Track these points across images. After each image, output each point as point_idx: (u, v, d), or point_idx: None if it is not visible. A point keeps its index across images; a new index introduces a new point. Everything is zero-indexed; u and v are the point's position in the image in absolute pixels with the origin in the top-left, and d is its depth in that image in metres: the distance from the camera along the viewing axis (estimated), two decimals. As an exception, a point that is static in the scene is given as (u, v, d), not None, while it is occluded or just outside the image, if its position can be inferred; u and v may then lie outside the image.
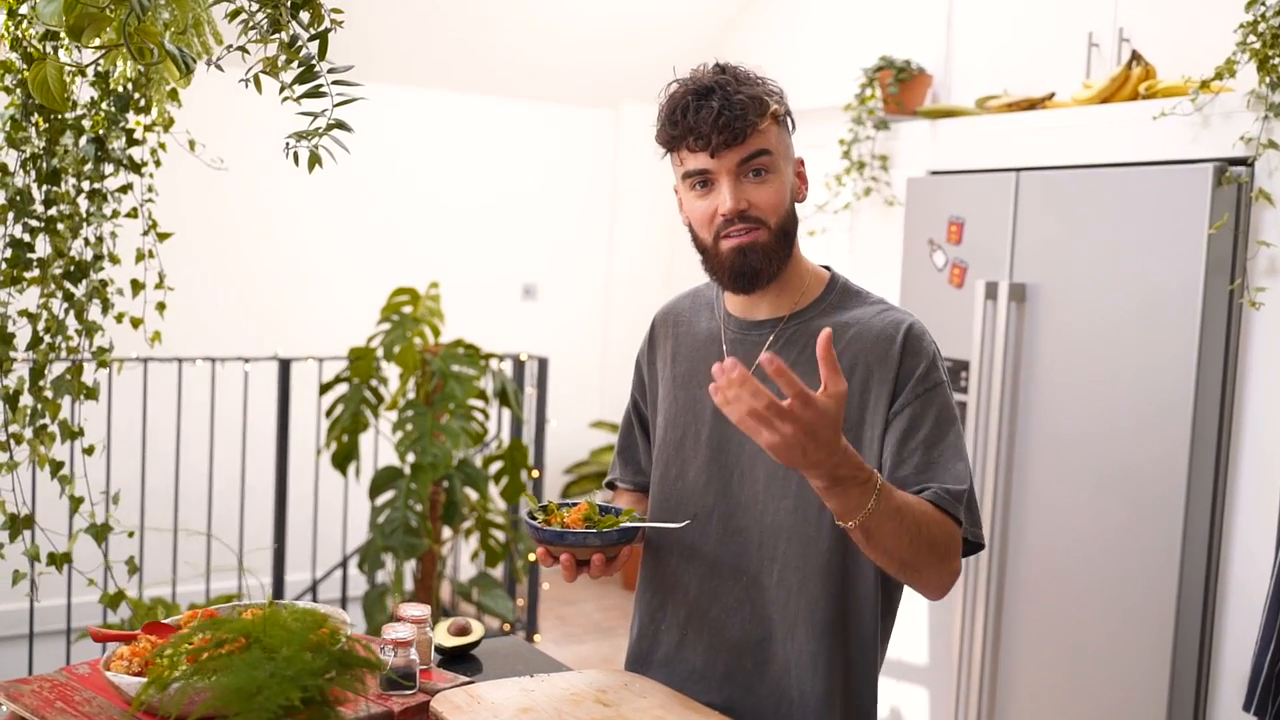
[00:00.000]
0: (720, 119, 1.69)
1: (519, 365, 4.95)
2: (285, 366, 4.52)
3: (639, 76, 6.18)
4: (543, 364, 4.99)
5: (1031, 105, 3.18)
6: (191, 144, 2.72)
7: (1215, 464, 2.71)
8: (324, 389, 4.44)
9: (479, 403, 4.48)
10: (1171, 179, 2.70)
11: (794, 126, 1.83)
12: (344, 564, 4.89)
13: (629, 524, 1.79)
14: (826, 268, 1.89)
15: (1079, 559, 2.92)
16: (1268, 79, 2.56)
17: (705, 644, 1.86)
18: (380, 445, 4.91)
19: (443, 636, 2.07)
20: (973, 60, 3.74)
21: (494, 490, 4.81)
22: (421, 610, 1.90)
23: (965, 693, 3.18)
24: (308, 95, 2.06)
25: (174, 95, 2.55)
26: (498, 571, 5.02)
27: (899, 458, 1.70)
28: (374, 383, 4.38)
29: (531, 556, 4.75)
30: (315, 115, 2.06)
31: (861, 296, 1.83)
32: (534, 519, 1.82)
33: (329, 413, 4.38)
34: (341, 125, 2.06)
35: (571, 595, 6.05)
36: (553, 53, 5.82)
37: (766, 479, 1.79)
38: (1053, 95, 3.19)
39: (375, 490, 4.19)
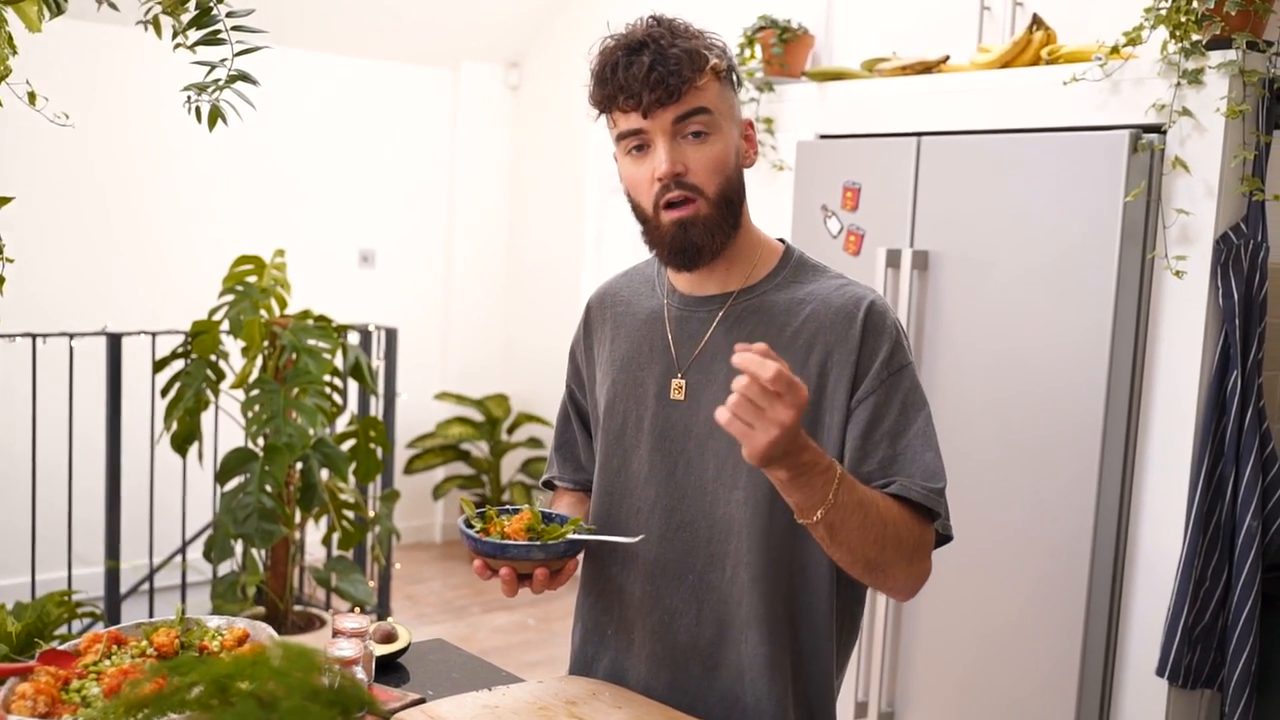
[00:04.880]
0: (652, 75, 1.55)
1: (366, 337, 4.70)
2: (115, 342, 4.16)
3: (479, 35, 5.94)
4: (391, 335, 4.76)
5: (927, 69, 3.12)
6: (32, 97, 2.41)
7: (1126, 433, 2.71)
8: (159, 366, 4.10)
9: (331, 378, 4.21)
10: (1084, 145, 2.68)
11: (739, 84, 1.71)
12: (183, 550, 4.57)
13: (576, 536, 1.62)
14: (782, 240, 1.77)
15: (989, 530, 2.90)
16: (1179, 45, 2.55)
17: (648, 652, 1.71)
18: (223, 425, 4.59)
19: (369, 645, 1.88)
20: (855, 21, 3.67)
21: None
22: (360, 621, 1.70)
23: (867, 659, 3.14)
24: (203, 42, 1.84)
25: (10, 42, 2.26)
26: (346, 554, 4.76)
27: (863, 451, 1.59)
28: (213, 358, 4.06)
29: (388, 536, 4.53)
30: (212, 65, 1.84)
31: (819, 270, 1.72)
32: (471, 527, 1.65)
33: (164, 391, 4.04)
34: (245, 77, 1.84)
35: (419, 574, 5.84)
36: (389, 8, 5.53)
37: (716, 468, 1.65)
38: (947, 59, 3.14)
39: (225, 474, 3.89)
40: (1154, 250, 2.64)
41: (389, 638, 1.96)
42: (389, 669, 1.91)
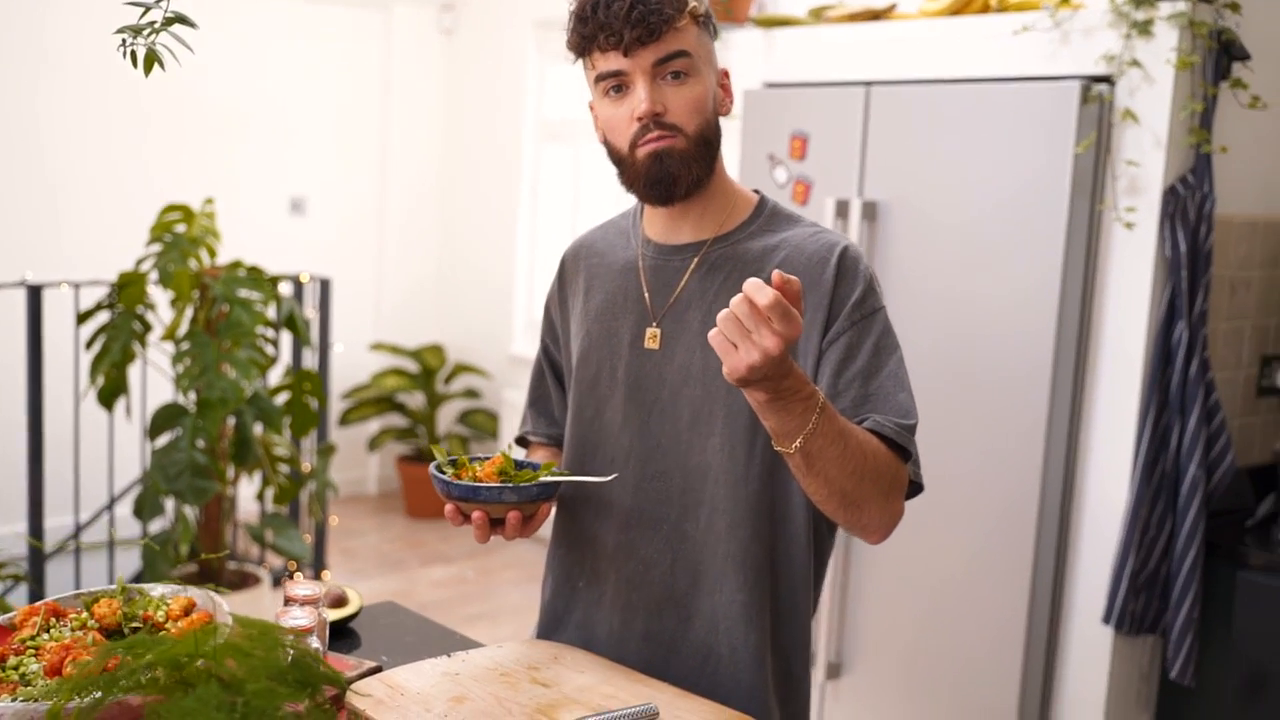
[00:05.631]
0: (634, 13, 1.54)
1: (298, 287, 4.59)
2: (36, 293, 4.02)
3: (412, -25, 5.79)
4: (325, 285, 4.65)
5: (875, 16, 3.08)
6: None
7: (1074, 384, 2.72)
8: (82, 318, 3.97)
9: (264, 330, 4.11)
10: (1035, 95, 2.65)
11: (717, 33, 1.67)
12: (110, 507, 4.45)
13: (549, 479, 1.60)
14: (757, 191, 1.74)
15: (937, 479, 2.89)
16: (1130, -5, 2.53)
17: (623, 602, 1.70)
18: (151, 378, 4.47)
19: (319, 610, 1.83)
20: (800, -33, 3.61)
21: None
22: (313, 588, 1.65)
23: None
24: (136, -20, 1.75)
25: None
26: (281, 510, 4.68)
27: (834, 390, 1.58)
28: (140, 310, 3.94)
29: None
30: (147, 7, 1.76)
31: (793, 219, 1.71)
32: (442, 472, 1.62)
33: (89, 344, 3.92)
34: (183, 19, 1.76)
35: (355, 528, 5.77)
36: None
37: (690, 416, 1.64)
38: (895, 6, 3.10)
39: (156, 429, 3.79)
40: (1103, 201, 2.64)
41: (339, 602, 1.91)
42: (340, 634, 1.86)
